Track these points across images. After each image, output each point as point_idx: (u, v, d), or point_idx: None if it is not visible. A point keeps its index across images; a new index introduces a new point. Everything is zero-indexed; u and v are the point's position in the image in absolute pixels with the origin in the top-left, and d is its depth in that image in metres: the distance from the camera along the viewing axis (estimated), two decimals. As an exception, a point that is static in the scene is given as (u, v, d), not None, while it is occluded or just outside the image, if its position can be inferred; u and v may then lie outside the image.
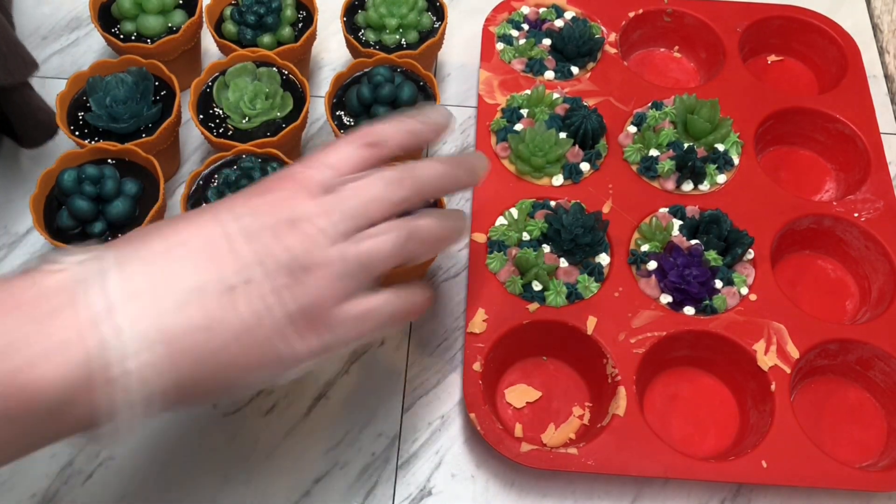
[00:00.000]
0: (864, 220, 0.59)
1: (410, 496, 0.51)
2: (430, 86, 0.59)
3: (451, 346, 0.56)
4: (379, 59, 0.59)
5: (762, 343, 0.54)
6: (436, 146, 0.65)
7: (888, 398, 0.55)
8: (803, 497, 0.52)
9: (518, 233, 0.57)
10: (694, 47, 0.70)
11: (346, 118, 0.58)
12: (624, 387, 0.52)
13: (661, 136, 0.61)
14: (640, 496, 0.52)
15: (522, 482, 0.52)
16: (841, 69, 0.67)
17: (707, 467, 0.50)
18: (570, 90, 0.64)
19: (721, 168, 0.61)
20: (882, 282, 0.58)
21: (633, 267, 0.57)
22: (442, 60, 0.70)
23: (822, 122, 0.65)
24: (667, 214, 0.59)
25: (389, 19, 0.62)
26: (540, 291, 0.55)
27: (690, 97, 0.62)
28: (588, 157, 0.60)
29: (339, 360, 0.56)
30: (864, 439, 0.54)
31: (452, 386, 0.55)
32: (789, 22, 0.70)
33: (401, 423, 0.54)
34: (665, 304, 0.55)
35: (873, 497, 0.52)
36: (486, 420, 0.50)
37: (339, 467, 0.52)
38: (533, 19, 0.69)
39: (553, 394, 0.55)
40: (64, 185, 0.53)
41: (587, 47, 0.65)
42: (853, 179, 0.63)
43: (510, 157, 0.61)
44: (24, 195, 0.53)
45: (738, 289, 0.56)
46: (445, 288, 0.59)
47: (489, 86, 0.64)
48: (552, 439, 0.53)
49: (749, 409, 0.54)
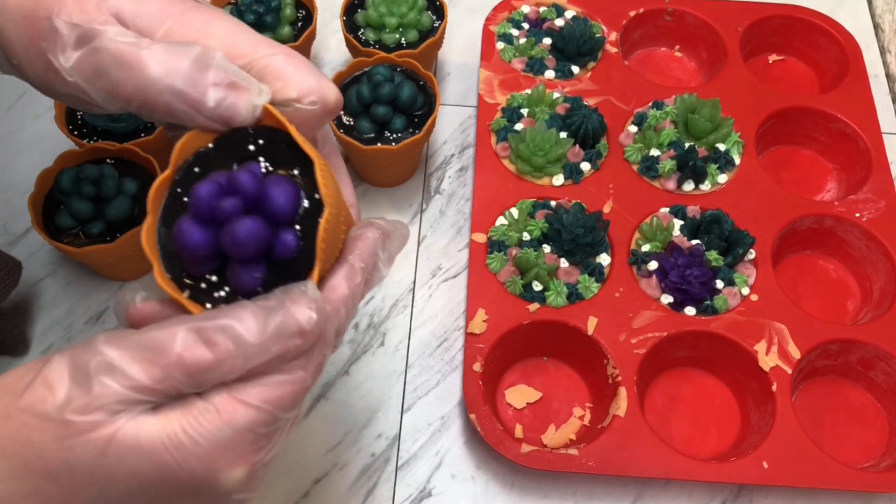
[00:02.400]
0: (865, 219, 0.59)
1: (410, 497, 0.51)
2: (430, 85, 0.58)
3: (451, 347, 0.56)
4: (379, 59, 0.59)
5: (763, 343, 0.53)
6: (435, 147, 0.65)
7: (890, 399, 0.54)
8: (805, 498, 0.52)
9: (518, 233, 0.57)
10: (695, 47, 0.70)
11: (345, 118, 0.58)
12: (624, 387, 0.51)
13: (662, 135, 0.61)
14: (640, 497, 0.52)
15: (523, 483, 0.52)
16: (842, 69, 0.67)
17: (708, 468, 0.50)
18: (571, 89, 0.64)
19: (722, 168, 0.60)
20: (883, 282, 0.58)
21: (633, 267, 0.56)
22: (442, 60, 0.70)
23: (824, 121, 0.65)
24: (668, 214, 0.59)
25: (389, 18, 0.61)
26: (540, 292, 0.55)
27: (691, 97, 0.62)
28: (588, 157, 0.60)
29: (339, 361, 0.56)
30: (866, 440, 0.54)
31: (452, 386, 0.55)
32: (790, 21, 0.69)
33: (401, 424, 0.54)
34: (666, 304, 0.55)
35: (875, 498, 0.52)
36: (487, 421, 0.50)
37: (338, 468, 0.52)
38: (533, 18, 0.68)
39: (553, 394, 0.54)
40: (63, 184, 0.52)
41: (588, 46, 0.65)
42: (854, 179, 0.63)
43: (510, 156, 0.60)
44: (23, 195, 0.53)
45: (740, 289, 0.55)
46: (445, 288, 0.59)
47: (489, 85, 0.64)
48: (552, 440, 0.52)
49: (750, 409, 0.54)
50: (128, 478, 0.27)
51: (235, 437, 0.28)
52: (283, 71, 0.31)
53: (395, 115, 0.57)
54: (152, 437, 0.27)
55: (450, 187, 0.63)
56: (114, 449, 0.27)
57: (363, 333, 0.57)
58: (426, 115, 0.58)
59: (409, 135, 0.57)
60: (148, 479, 0.27)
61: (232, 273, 0.29)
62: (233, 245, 0.27)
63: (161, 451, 0.27)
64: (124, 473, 0.27)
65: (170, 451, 0.27)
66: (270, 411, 0.28)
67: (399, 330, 0.57)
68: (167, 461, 0.27)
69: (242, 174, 0.28)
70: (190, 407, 0.28)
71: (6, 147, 0.64)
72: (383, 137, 0.57)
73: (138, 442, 0.27)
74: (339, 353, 0.56)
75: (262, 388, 0.28)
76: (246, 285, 0.28)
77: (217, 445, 0.27)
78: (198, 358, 0.27)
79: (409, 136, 0.57)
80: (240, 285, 0.28)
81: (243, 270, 0.28)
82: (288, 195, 0.28)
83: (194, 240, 0.28)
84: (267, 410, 0.28)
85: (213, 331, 0.27)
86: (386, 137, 0.57)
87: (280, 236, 0.28)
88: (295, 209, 0.29)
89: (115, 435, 0.27)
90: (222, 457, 0.28)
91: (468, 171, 0.64)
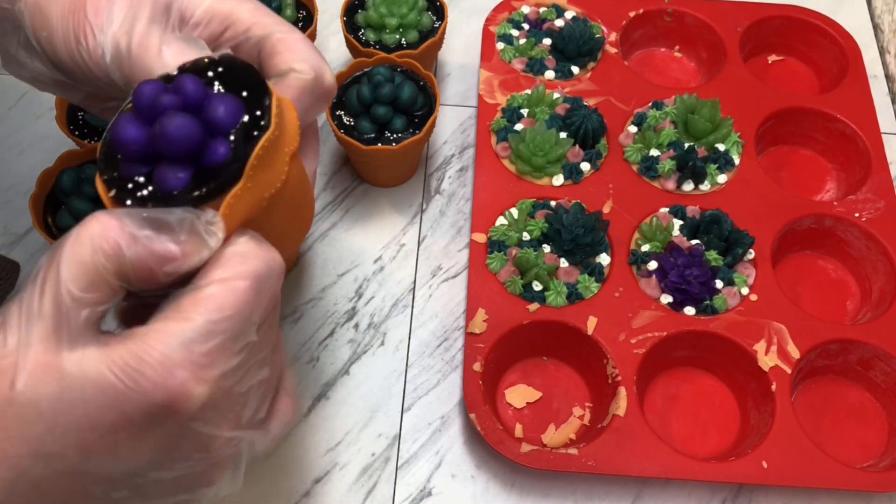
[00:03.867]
0: (864, 220, 0.59)
1: (410, 496, 0.51)
2: (430, 85, 0.59)
3: (451, 346, 0.56)
4: (379, 59, 0.59)
5: (763, 343, 0.54)
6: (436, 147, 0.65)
7: (889, 398, 0.54)
8: (804, 497, 0.52)
9: (518, 233, 0.57)
10: (695, 47, 0.70)
11: (346, 118, 0.58)
12: (624, 387, 0.52)
13: (662, 135, 0.61)
14: (640, 497, 0.52)
15: (523, 483, 0.52)
16: (842, 69, 0.67)
17: (708, 468, 0.50)
18: (571, 90, 0.64)
19: (722, 168, 0.61)
20: (883, 282, 0.58)
21: (633, 267, 0.56)
22: (442, 60, 0.70)
23: (823, 121, 0.65)
24: (667, 214, 0.59)
25: (389, 19, 0.61)
26: (540, 291, 0.55)
27: (691, 97, 0.62)
28: (588, 157, 0.60)
29: (339, 361, 0.56)
30: (865, 439, 0.54)
31: (452, 386, 0.55)
32: (790, 22, 0.70)
33: (401, 423, 0.54)
34: (665, 304, 0.55)
35: (874, 497, 0.52)
36: (487, 420, 0.50)
37: (339, 467, 0.52)
38: (533, 19, 0.68)
39: (553, 394, 0.55)
40: (64, 184, 0.53)
41: (587, 47, 0.65)
42: (854, 179, 0.63)
43: (510, 156, 0.61)
44: (24, 195, 0.53)
45: (739, 289, 0.56)
46: (445, 288, 0.59)
47: (489, 85, 0.64)
48: (552, 440, 0.53)
49: (750, 409, 0.54)
50: (74, 408, 0.27)
51: (182, 352, 0.27)
52: (295, 45, 0.35)
53: (395, 116, 0.57)
54: (96, 362, 0.27)
55: (450, 187, 0.63)
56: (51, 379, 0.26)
57: (363, 333, 0.57)
58: (426, 115, 0.58)
59: (409, 135, 0.57)
60: (95, 407, 0.27)
61: (159, 171, 0.28)
62: (162, 137, 0.27)
63: (107, 375, 0.27)
64: (69, 403, 0.27)
65: (115, 373, 0.27)
66: (209, 318, 0.28)
67: (399, 330, 0.57)
68: (113, 384, 0.27)
69: (187, 78, 0.29)
70: (132, 333, 0.28)
71: (7, 147, 0.64)
72: (383, 138, 0.57)
73: (82, 370, 0.27)
74: (340, 353, 0.56)
75: (195, 298, 0.28)
76: (168, 184, 0.28)
77: (164, 361, 0.27)
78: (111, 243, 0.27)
79: (409, 136, 0.57)
80: (162, 184, 0.28)
81: (169, 168, 0.28)
82: (229, 105, 0.29)
83: (128, 135, 0.28)
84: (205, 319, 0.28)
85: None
86: (386, 138, 0.57)
87: (212, 143, 0.28)
88: (234, 120, 0.29)
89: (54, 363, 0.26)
90: (174, 374, 0.27)
91: (468, 171, 0.64)
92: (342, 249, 0.60)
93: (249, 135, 0.29)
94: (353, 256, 0.60)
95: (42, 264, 0.28)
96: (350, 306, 0.58)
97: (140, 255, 0.27)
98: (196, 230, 0.28)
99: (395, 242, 0.61)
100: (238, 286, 0.29)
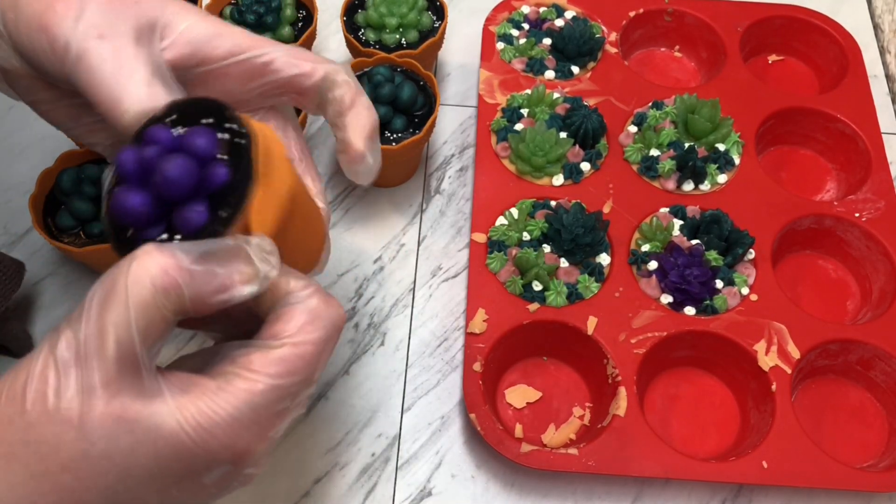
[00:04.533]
0: (864, 219, 0.59)
1: (410, 496, 0.51)
2: (430, 85, 0.59)
3: (451, 346, 0.56)
4: (379, 59, 0.59)
5: (763, 343, 0.54)
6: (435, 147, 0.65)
7: (889, 398, 0.54)
8: (804, 497, 0.52)
9: (518, 233, 0.57)
10: (695, 47, 0.70)
11: (346, 118, 0.58)
12: (624, 387, 0.51)
13: (662, 135, 0.61)
14: (640, 497, 0.52)
15: (523, 483, 0.52)
16: (842, 69, 0.67)
17: (708, 468, 0.50)
18: (571, 90, 0.64)
19: (722, 168, 0.60)
20: (883, 282, 0.58)
21: (633, 267, 0.56)
22: (442, 60, 0.70)
23: (823, 121, 0.65)
24: (667, 214, 0.59)
25: (389, 19, 0.61)
26: (540, 291, 0.55)
27: (691, 97, 0.62)
28: (588, 157, 0.60)
29: (339, 360, 0.56)
30: (865, 439, 0.54)
31: (452, 386, 0.55)
32: (790, 21, 0.70)
33: (401, 423, 0.54)
34: (665, 304, 0.55)
35: (874, 497, 0.52)
36: (487, 420, 0.50)
37: (339, 468, 0.52)
38: (533, 19, 0.68)
39: (553, 394, 0.55)
40: (63, 184, 0.53)
41: (588, 47, 0.65)
42: (854, 179, 0.63)
43: (510, 156, 0.61)
44: (24, 195, 0.53)
45: (739, 289, 0.56)
46: (445, 288, 0.59)
47: (489, 85, 0.64)
48: (552, 440, 0.53)
49: (750, 409, 0.54)
50: (147, 461, 0.27)
51: (251, 415, 0.28)
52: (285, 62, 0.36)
53: (395, 116, 0.57)
54: (168, 418, 0.27)
55: (450, 187, 0.63)
56: (123, 432, 0.27)
57: (363, 333, 0.57)
58: (426, 115, 0.58)
59: (409, 135, 0.57)
60: (166, 460, 0.28)
61: (178, 217, 0.28)
62: (166, 183, 0.28)
63: (178, 433, 0.27)
64: (142, 456, 0.27)
65: (187, 432, 0.28)
66: (278, 384, 0.29)
67: (399, 330, 0.57)
68: (184, 442, 0.28)
69: (154, 128, 0.29)
70: (203, 388, 0.28)
71: (7, 147, 0.64)
72: (383, 137, 0.57)
73: (155, 425, 0.27)
74: (339, 353, 0.56)
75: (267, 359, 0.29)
76: (193, 222, 0.28)
77: (233, 424, 0.28)
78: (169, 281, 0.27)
79: (409, 136, 0.57)
80: (188, 224, 0.28)
81: (185, 210, 0.28)
82: (201, 134, 0.29)
83: (134, 202, 0.28)
84: (275, 383, 0.29)
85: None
86: (386, 137, 0.57)
87: (208, 172, 0.28)
88: (214, 144, 0.29)
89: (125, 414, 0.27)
90: (241, 436, 0.28)
91: (468, 171, 0.64)
92: (342, 249, 0.60)
93: (236, 146, 0.29)
94: (353, 256, 0.60)
95: (94, 298, 0.27)
96: (350, 306, 0.58)
97: (199, 291, 0.28)
98: (247, 256, 0.29)
99: (395, 242, 0.61)
100: (307, 351, 0.30)
